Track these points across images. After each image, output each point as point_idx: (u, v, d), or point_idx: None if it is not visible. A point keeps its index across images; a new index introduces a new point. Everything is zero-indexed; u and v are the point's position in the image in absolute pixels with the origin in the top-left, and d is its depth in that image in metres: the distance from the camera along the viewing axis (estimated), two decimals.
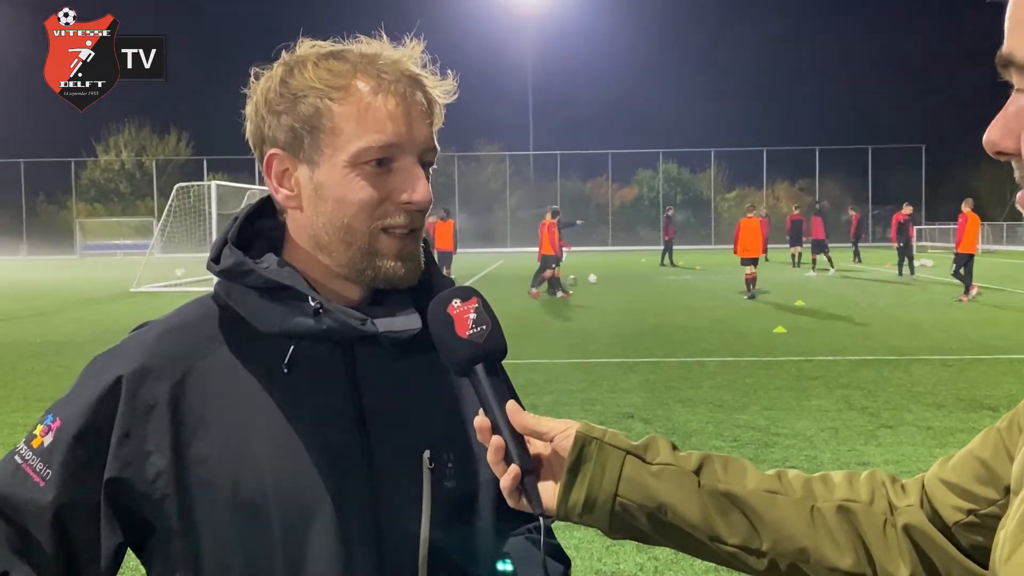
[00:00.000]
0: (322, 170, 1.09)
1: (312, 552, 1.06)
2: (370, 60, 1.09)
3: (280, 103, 1.09)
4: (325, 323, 1.08)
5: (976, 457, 0.91)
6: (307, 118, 1.08)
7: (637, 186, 66.02)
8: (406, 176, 1.10)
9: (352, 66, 1.09)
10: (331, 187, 1.09)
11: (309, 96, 1.08)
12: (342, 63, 1.09)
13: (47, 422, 1.09)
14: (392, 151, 1.09)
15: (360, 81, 1.08)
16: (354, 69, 1.08)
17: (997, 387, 8.92)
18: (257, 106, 1.12)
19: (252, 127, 1.14)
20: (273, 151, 1.12)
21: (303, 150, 1.10)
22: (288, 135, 1.10)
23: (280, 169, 1.12)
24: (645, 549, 4.67)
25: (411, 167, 1.10)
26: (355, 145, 1.07)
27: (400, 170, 1.10)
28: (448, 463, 1.14)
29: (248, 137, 1.15)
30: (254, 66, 1.14)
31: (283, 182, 1.13)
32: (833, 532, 0.95)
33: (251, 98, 1.13)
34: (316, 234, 1.12)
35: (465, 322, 1.01)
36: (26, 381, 9.87)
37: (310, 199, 1.11)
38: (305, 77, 1.08)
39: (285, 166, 1.12)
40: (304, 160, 1.10)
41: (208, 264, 1.15)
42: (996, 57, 0.69)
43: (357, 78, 1.08)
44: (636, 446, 1.00)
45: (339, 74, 1.08)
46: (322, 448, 1.09)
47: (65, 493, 1.06)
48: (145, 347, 1.11)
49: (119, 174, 65.06)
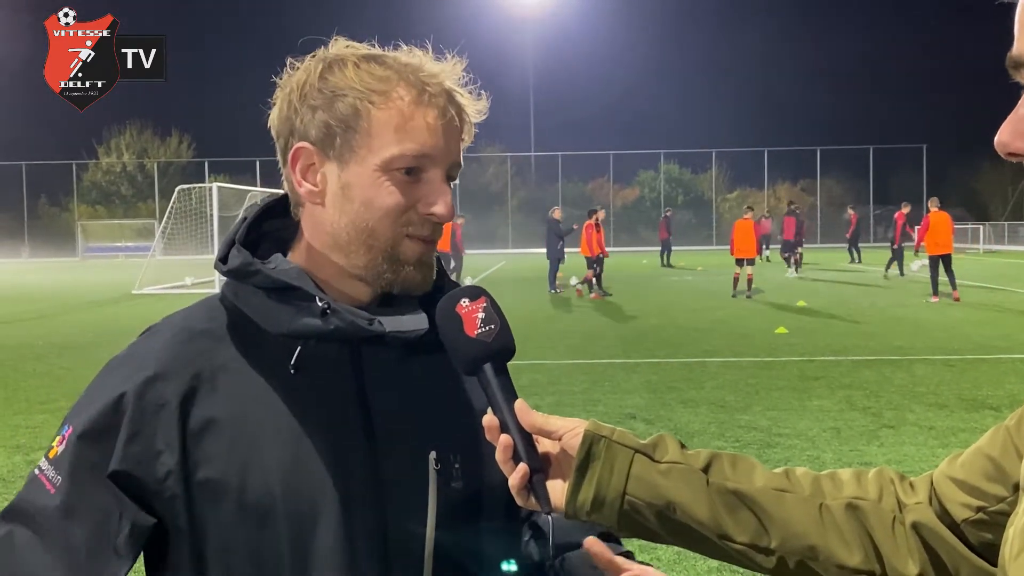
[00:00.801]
0: (351, 170, 1.09)
1: (318, 552, 1.06)
2: (413, 70, 1.09)
3: (318, 98, 1.09)
4: (332, 323, 1.08)
5: (985, 454, 0.91)
6: (344, 117, 1.08)
7: (638, 187, 65.97)
8: (434, 188, 1.11)
9: (395, 73, 1.09)
10: (359, 188, 1.09)
11: (349, 96, 1.08)
12: (384, 68, 1.09)
13: (63, 432, 1.10)
14: (424, 162, 1.09)
15: (402, 88, 1.08)
16: (397, 76, 1.09)
17: (999, 387, 8.92)
18: (291, 97, 1.11)
19: (281, 117, 1.13)
20: (302, 144, 1.11)
21: (334, 148, 1.10)
22: (321, 131, 1.10)
23: (307, 163, 1.12)
24: (647, 550, 4.67)
25: (439, 180, 1.11)
26: (390, 151, 1.08)
27: (428, 181, 1.11)
28: (455, 464, 1.14)
29: (272, 125, 1.14)
30: (290, 56, 1.13)
31: (308, 176, 1.12)
32: (842, 530, 0.95)
33: (284, 88, 1.13)
34: (336, 233, 1.12)
35: (474, 321, 1.02)
36: (28, 383, 9.88)
37: (335, 197, 1.11)
38: (346, 76, 1.08)
39: (312, 161, 1.12)
40: (334, 158, 1.10)
41: (215, 264, 1.15)
42: (1007, 59, 0.69)
43: (400, 85, 1.08)
44: (644, 444, 1.00)
45: (381, 79, 1.08)
46: (329, 449, 1.09)
47: (74, 497, 1.05)
48: (155, 352, 1.11)
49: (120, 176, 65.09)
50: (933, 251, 18.06)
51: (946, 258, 17.87)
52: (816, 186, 63.15)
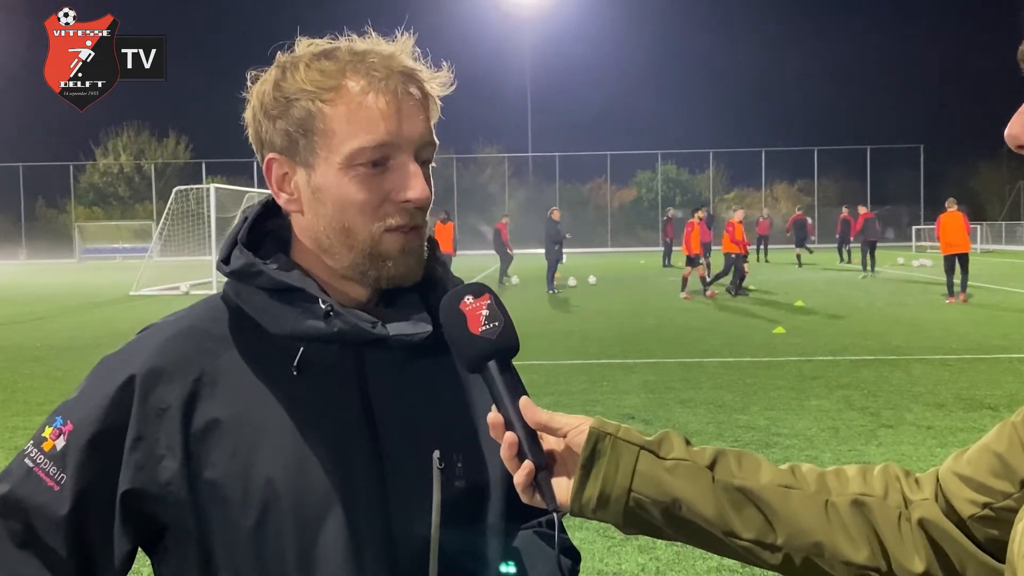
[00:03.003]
0: (318, 173, 1.09)
1: (323, 553, 1.06)
2: (360, 58, 1.08)
3: (275, 107, 1.09)
4: (336, 326, 1.08)
5: (991, 451, 0.91)
6: (300, 121, 1.07)
7: (636, 187, 66.00)
8: (402, 175, 1.09)
9: (342, 65, 1.07)
10: (328, 190, 1.08)
11: (301, 99, 1.07)
12: (333, 63, 1.07)
13: (57, 424, 1.08)
14: (386, 150, 1.07)
15: (350, 80, 1.07)
16: (344, 68, 1.07)
17: (997, 386, 8.92)
18: (254, 111, 1.11)
19: (251, 131, 1.13)
20: (272, 155, 1.11)
21: (299, 153, 1.09)
22: (284, 139, 1.09)
23: (280, 173, 1.12)
24: (647, 549, 4.67)
25: (406, 165, 1.09)
26: (348, 146, 1.06)
27: (396, 169, 1.09)
28: (457, 463, 1.14)
29: (250, 141, 1.15)
30: (251, 69, 1.13)
31: (283, 186, 1.12)
32: (847, 526, 0.95)
33: (249, 102, 1.13)
34: (318, 237, 1.12)
35: (478, 318, 1.01)
36: (26, 385, 9.86)
37: (309, 202, 1.11)
38: (297, 79, 1.07)
39: (284, 170, 1.11)
40: (301, 163, 1.10)
41: (217, 265, 1.14)
42: (1018, 53, 0.69)
43: (347, 77, 1.07)
44: (650, 441, 1.00)
45: (329, 74, 1.07)
46: (332, 449, 1.08)
47: (80, 499, 1.05)
48: (156, 348, 1.10)
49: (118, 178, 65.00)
50: (946, 251, 17.92)
51: (962, 258, 17.67)
52: (813, 186, 63.19)
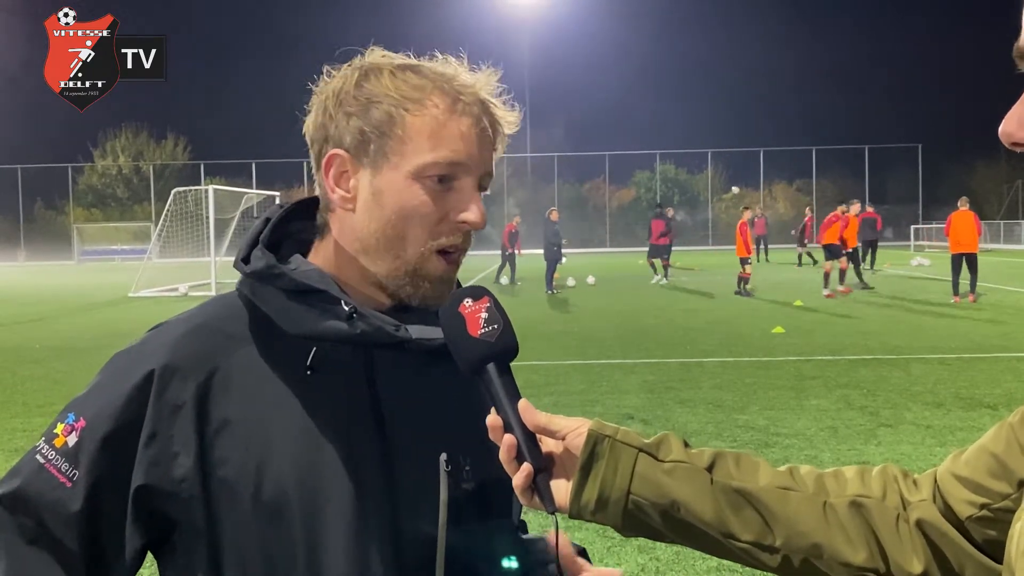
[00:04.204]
0: (384, 177, 1.10)
1: (331, 552, 1.07)
2: (448, 80, 1.10)
3: (353, 105, 1.10)
4: (359, 327, 1.08)
5: (988, 451, 0.91)
6: (379, 124, 1.09)
7: (635, 187, 66.03)
8: (465, 196, 1.11)
9: (430, 82, 1.10)
10: (391, 194, 1.10)
11: (384, 103, 1.09)
12: (420, 77, 1.10)
13: (69, 420, 1.09)
14: (456, 170, 1.10)
15: (437, 97, 1.09)
16: (432, 85, 1.10)
17: (996, 386, 8.93)
18: (327, 104, 1.12)
19: (317, 124, 1.14)
20: (336, 151, 1.12)
21: (368, 155, 1.10)
22: (355, 137, 1.10)
23: (340, 170, 1.13)
24: (647, 549, 4.67)
25: (471, 188, 1.12)
26: (423, 158, 1.08)
27: (460, 189, 1.11)
28: (465, 466, 1.14)
29: (307, 132, 1.15)
30: (326, 65, 1.14)
31: (340, 183, 1.13)
32: (846, 527, 0.95)
33: (320, 95, 1.13)
34: (365, 238, 1.12)
35: (477, 321, 1.01)
36: (25, 387, 9.86)
37: (366, 203, 1.12)
38: (382, 84, 1.09)
39: (345, 168, 1.12)
40: (368, 165, 1.11)
41: (236, 264, 1.15)
42: (1014, 49, 0.69)
43: (434, 94, 1.09)
44: (648, 443, 1.00)
45: (416, 87, 1.09)
46: (342, 450, 1.09)
47: (93, 496, 1.06)
48: (172, 344, 1.11)
49: (116, 179, 65.02)
50: (954, 249, 17.90)
51: (970, 258, 17.63)
52: (812, 186, 63.21)
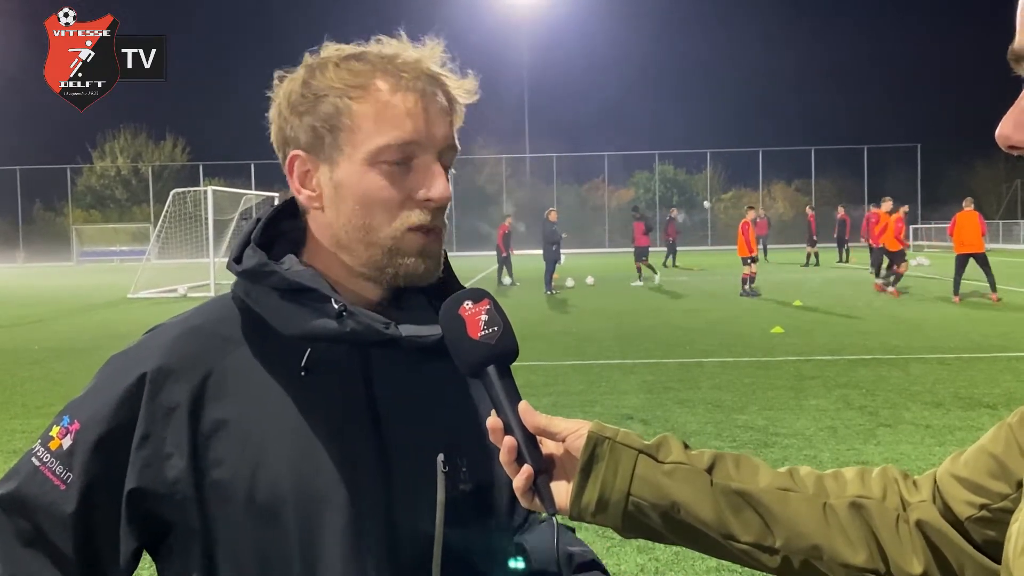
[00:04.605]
0: (342, 169, 1.10)
1: (327, 554, 1.07)
2: (389, 60, 1.10)
3: (302, 104, 1.10)
4: (348, 326, 1.08)
5: (988, 452, 0.92)
6: (327, 117, 1.09)
7: (634, 188, 66.01)
8: (425, 174, 1.10)
9: (372, 66, 1.09)
10: (351, 186, 1.10)
11: (329, 96, 1.09)
12: (362, 63, 1.10)
13: (64, 423, 1.09)
14: (411, 149, 1.09)
15: (379, 80, 1.09)
16: (374, 68, 1.09)
17: (995, 385, 8.93)
18: (280, 108, 1.13)
19: (275, 129, 1.15)
20: (295, 152, 1.13)
21: (324, 150, 1.11)
22: (309, 135, 1.11)
23: (302, 170, 1.13)
24: (646, 550, 4.67)
25: (430, 165, 1.11)
26: (374, 143, 1.08)
27: (419, 168, 1.10)
28: (462, 467, 1.14)
29: (273, 140, 1.16)
30: (278, 70, 1.15)
31: (305, 183, 1.14)
32: (846, 529, 0.95)
33: (275, 101, 1.14)
34: (337, 234, 1.13)
35: (477, 323, 1.02)
36: (25, 388, 9.85)
37: (331, 199, 1.12)
38: (326, 78, 1.09)
39: (307, 167, 1.13)
40: (325, 160, 1.11)
41: (229, 264, 1.15)
42: (1008, 52, 0.69)
43: (377, 77, 1.09)
44: (648, 445, 1.00)
45: (359, 73, 1.09)
46: (338, 450, 1.09)
47: (87, 498, 1.06)
48: (166, 347, 1.11)
49: (115, 180, 64.96)
50: (959, 250, 17.78)
51: (979, 257, 17.52)
52: (811, 186, 63.23)
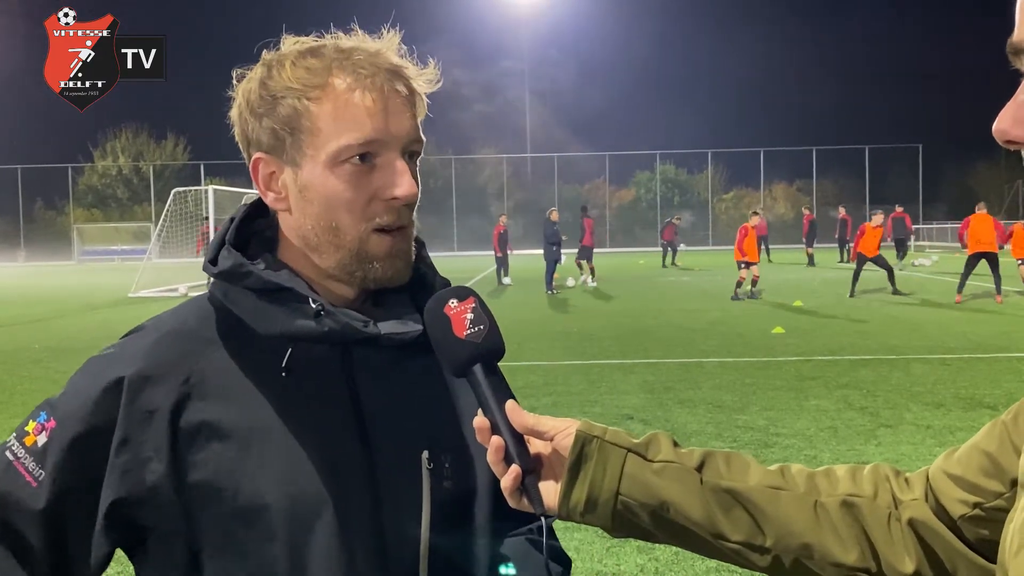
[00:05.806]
0: (305, 171, 1.08)
1: (314, 554, 1.05)
2: (346, 55, 1.07)
3: (261, 106, 1.08)
4: (327, 325, 1.07)
5: (981, 450, 0.90)
6: (287, 120, 1.07)
7: (635, 188, 66.03)
8: (390, 172, 1.08)
9: (328, 63, 1.07)
10: (315, 188, 1.08)
11: (287, 97, 1.06)
12: (319, 60, 1.07)
13: (40, 420, 1.08)
14: (373, 147, 1.07)
15: (336, 78, 1.06)
16: (330, 66, 1.06)
17: (996, 386, 8.92)
18: (240, 109, 1.11)
19: (238, 131, 1.13)
20: (258, 155, 1.11)
21: (286, 152, 1.09)
22: (271, 138, 1.09)
23: (267, 172, 1.11)
24: (646, 550, 4.67)
25: (394, 162, 1.09)
26: (334, 144, 1.06)
27: (383, 166, 1.08)
28: (445, 464, 1.13)
29: (237, 140, 1.14)
30: (236, 68, 1.12)
31: (270, 185, 1.12)
32: (837, 527, 0.94)
33: (235, 101, 1.12)
34: (305, 235, 1.11)
35: (462, 322, 1.00)
36: (25, 387, 9.85)
37: (296, 201, 1.10)
38: (283, 77, 1.07)
39: (271, 169, 1.11)
40: (288, 162, 1.09)
41: (205, 266, 1.13)
42: (1007, 45, 0.68)
43: (333, 75, 1.06)
44: (637, 444, 0.99)
45: (315, 72, 1.06)
46: (322, 450, 1.08)
47: (58, 497, 1.04)
48: (144, 351, 1.09)
49: (116, 179, 64.98)
50: (974, 248, 17.88)
51: (990, 257, 17.64)
52: (812, 186, 63.22)
